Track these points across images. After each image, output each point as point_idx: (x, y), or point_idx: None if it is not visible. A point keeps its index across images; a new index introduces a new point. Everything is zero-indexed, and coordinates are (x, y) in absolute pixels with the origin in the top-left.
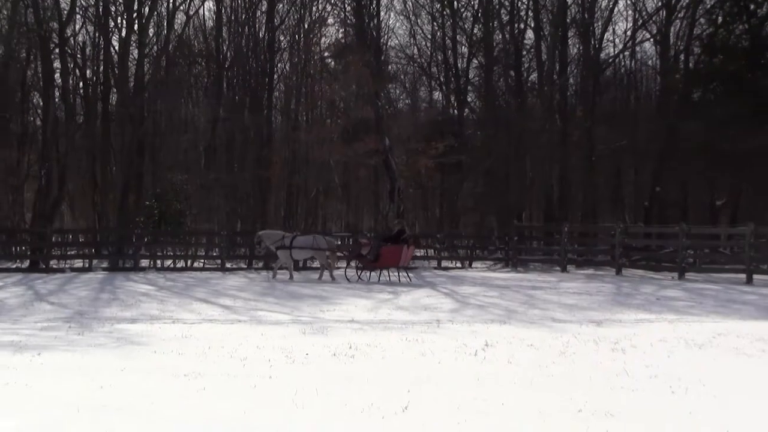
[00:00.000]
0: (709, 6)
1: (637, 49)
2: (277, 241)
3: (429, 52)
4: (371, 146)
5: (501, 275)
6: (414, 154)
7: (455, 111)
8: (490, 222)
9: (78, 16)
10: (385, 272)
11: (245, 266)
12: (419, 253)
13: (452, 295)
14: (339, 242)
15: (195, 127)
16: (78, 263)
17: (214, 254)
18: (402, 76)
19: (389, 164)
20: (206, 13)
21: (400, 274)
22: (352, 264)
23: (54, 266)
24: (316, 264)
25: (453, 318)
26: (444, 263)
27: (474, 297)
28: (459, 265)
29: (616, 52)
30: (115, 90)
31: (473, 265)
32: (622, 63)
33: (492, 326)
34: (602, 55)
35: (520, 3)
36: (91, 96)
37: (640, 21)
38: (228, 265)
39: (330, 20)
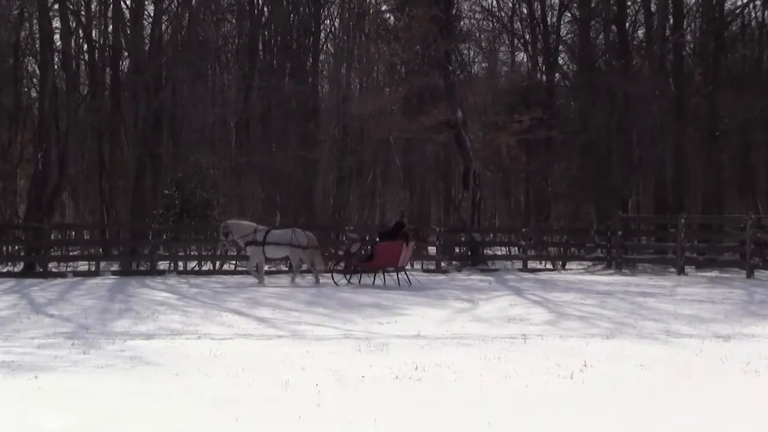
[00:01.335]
0: None
1: None
2: (247, 234)
3: (511, 5)
4: (440, 119)
5: (602, 278)
6: (493, 128)
7: (543, 76)
8: (587, 212)
9: None
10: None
11: (287, 268)
12: (501, 250)
13: (542, 304)
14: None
15: (224, 99)
16: (83, 266)
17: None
18: (478, 34)
19: (462, 141)
20: None
21: (400, 276)
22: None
23: (53, 270)
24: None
25: (543, 332)
26: (531, 264)
27: (569, 305)
28: (550, 266)
29: (744, 2)
30: (126, 54)
31: (567, 266)
32: (753, 15)
33: (592, 342)
34: (727, 6)
35: None
36: (97, 62)
37: None
38: (266, 268)
39: None
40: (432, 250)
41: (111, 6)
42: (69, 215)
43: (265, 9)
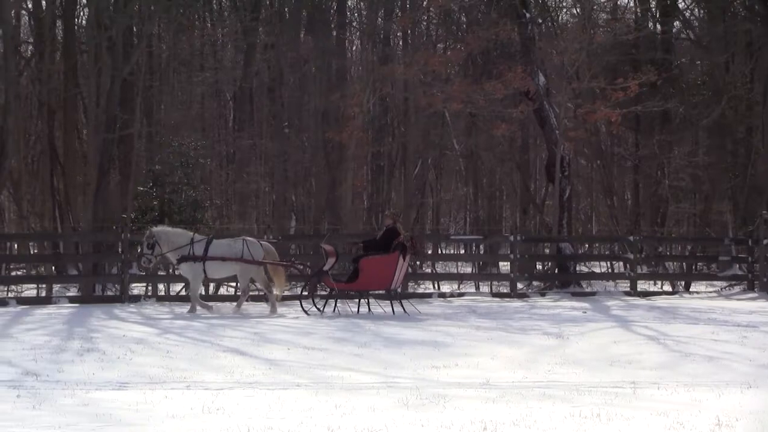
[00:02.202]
0: None
1: None
2: (180, 247)
3: None
4: (515, 87)
5: (741, 305)
6: (588, 99)
7: (657, 25)
8: (720, 214)
9: None
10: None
11: (305, 293)
12: (599, 267)
13: (657, 340)
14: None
15: (217, 61)
16: (29, 290)
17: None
18: None
19: (546, 117)
20: None
21: (393, 303)
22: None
23: None
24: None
25: (659, 378)
26: (642, 285)
27: (695, 342)
28: (668, 287)
29: None
30: (85, 1)
31: (693, 287)
32: None
33: (728, 393)
34: None
35: None
36: (45, 14)
37: None
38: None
39: None
40: (505, 266)
41: None
42: (9, 222)
43: None
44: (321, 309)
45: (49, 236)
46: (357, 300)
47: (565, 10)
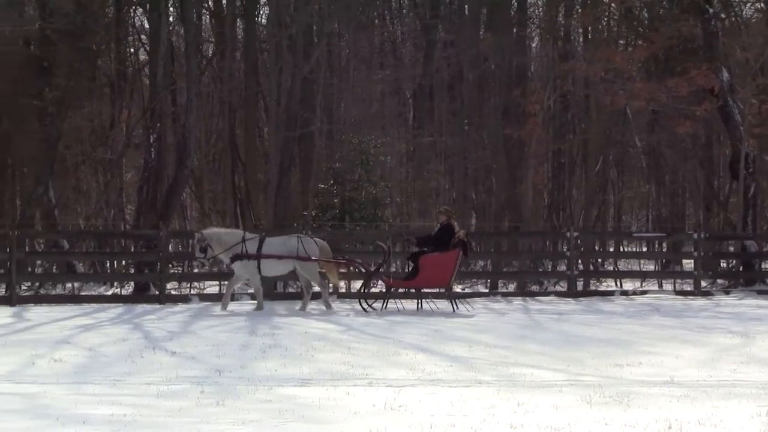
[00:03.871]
0: None
1: None
2: (233, 246)
3: None
4: (698, 84)
5: None
6: None
7: None
8: None
9: None
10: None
11: (486, 290)
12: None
13: None
14: None
15: (397, 59)
16: (212, 287)
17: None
18: None
19: (730, 114)
20: None
21: (453, 301)
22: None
23: (174, 292)
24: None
25: None
26: None
27: None
28: None
29: None
30: (265, 0)
31: None
32: None
33: None
34: None
35: None
36: (226, 12)
37: None
38: (459, 288)
39: None
40: (688, 264)
41: None
42: (191, 220)
43: None
44: (379, 307)
45: None
46: (416, 298)
47: (749, 4)
